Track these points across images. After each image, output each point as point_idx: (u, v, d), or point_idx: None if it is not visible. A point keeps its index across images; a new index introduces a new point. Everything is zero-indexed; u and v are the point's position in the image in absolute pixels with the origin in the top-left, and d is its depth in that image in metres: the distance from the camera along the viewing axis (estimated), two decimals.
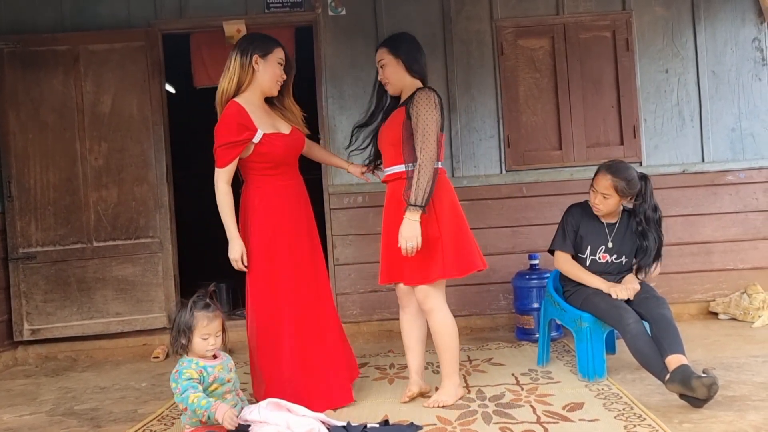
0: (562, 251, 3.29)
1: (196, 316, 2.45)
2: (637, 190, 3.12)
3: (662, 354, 2.77)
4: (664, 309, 2.95)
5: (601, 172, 3.15)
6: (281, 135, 2.91)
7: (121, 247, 4.39)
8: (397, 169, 2.88)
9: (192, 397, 2.35)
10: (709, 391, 2.55)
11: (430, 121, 2.76)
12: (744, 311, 4.20)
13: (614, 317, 2.98)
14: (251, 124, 2.80)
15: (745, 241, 4.48)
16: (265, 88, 2.91)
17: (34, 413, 3.19)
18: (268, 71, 2.88)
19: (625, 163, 3.20)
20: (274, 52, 2.89)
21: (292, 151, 2.97)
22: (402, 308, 3.07)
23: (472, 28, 4.53)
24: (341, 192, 4.49)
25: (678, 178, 4.49)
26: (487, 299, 4.49)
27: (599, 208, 3.18)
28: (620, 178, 3.09)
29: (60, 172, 4.37)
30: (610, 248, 3.22)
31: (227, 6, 4.50)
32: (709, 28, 4.52)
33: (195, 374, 2.42)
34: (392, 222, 2.87)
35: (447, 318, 2.89)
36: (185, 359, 2.48)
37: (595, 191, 3.18)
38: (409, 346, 3.05)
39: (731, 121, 4.52)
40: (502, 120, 4.51)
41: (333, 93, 4.53)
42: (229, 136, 2.77)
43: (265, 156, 2.85)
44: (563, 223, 3.32)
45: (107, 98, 4.40)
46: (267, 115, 2.94)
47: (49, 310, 4.34)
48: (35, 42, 4.35)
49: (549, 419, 2.62)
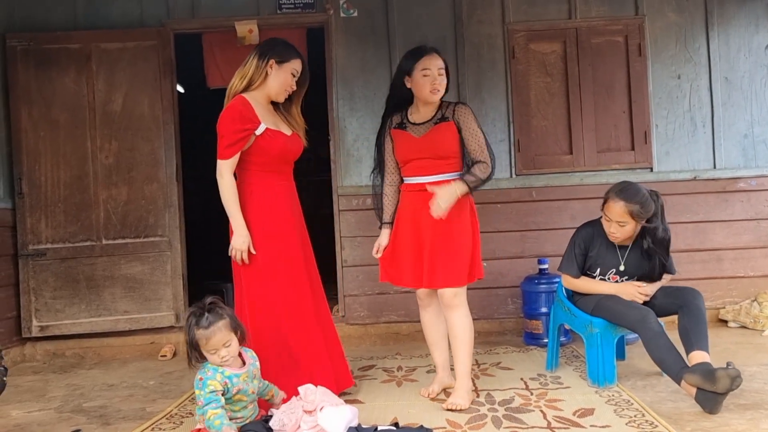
0: (569, 275, 3.26)
1: (197, 335, 2.45)
2: (652, 211, 2.98)
3: (688, 348, 2.76)
4: (699, 301, 2.94)
5: (612, 199, 3.01)
6: (282, 133, 2.99)
7: (130, 245, 4.40)
8: (445, 177, 2.96)
9: (210, 413, 2.36)
10: (732, 383, 2.53)
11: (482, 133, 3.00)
12: (754, 319, 4.18)
13: (635, 316, 2.93)
14: (255, 116, 2.87)
15: (757, 249, 4.46)
16: (272, 92, 2.99)
17: (42, 409, 3.20)
18: (279, 77, 2.96)
19: (634, 185, 3.05)
20: (290, 62, 2.98)
21: (290, 152, 3.05)
22: (423, 308, 3.13)
23: (484, 31, 4.52)
24: (350, 194, 4.49)
25: (689, 185, 4.47)
26: (495, 303, 4.48)
27: (617, 236, 3.06)
28: (634, 202, 2.95)
29: (70, 170, 4.38)
30: (622, 271, 3.17)
31: (239, 6, 4.51)
32: (722, 34, 4.50)
33: (219, 386, 2.41)
34: (436, 228, 2.92)
35: (469, 316, 3.01)
36: (209, 366, 2.46)
37: (609, 220, 3.05)
38: (434, 342, 3.15)
39: (743, 127, 4.50)
40: (512, 124, 4.50)
41: (344, 95, 4.53)
42: (233, 125, 2.83)
43: (264, 151, 2.91)
44: (572, 246, 3.24)
45: (119, 97, 4.41)
46: (270, 115, 3.02)
47: (58, 307, 4.35)
48: (48, 40, 4.37)
49: (560, 425, 2.61)
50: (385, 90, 4.46)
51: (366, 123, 4.51)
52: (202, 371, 2.45)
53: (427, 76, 2.94)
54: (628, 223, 3.01)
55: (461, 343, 2.97)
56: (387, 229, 3.14)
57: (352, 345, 4.40)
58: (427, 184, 2.91)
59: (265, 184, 2.96)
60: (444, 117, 3.00)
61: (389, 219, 3.14)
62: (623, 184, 3.08)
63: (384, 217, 3.16)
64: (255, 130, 2.86)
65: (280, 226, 2.96)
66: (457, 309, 2.96)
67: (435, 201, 2.82)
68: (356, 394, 3.17)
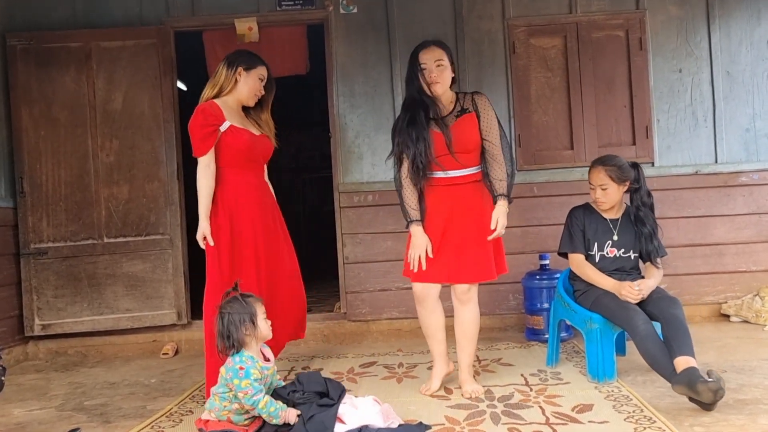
0: (575, 252, 3.28)
1: (250, 302, 2.54)
2: (631, 175, 3.21)
3: (671, 355, 2.75)
4: (676, 309, 2.93)
5: (593, 168, 3.27)
6: (248, 131, 3.18)
7: (131, 243, 4.41)
8: (472, 170, 3.02)
9: (262, 403, 2.43)
10: (715, 396, 2.52)
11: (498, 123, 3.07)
12: (756, 314, 4.16)
13: (623, 318, 2.97)
14: (221, 115, 3.08)
15: (758, 243, 4.43)
16: (242, 97, 3.21)
17: (44, 408, 3.21)
18: (248, 82, 3.19)
19: (612, 154, 3.36)
20: (257, 68, 3.21)
21: (257, 150, 3.23)
22: (420, 303, 3.09)
23: (484, 27, 4.51)
24: (351, 190, 4.49)
25: (690, 179, 4.45)
26: (496, 299, 4.47)
27: (602, 201, 3.24)
28: (611, 165, 3.20)
29: (71, 169, 4.39)
30: (617, 241, 3.24)
31: (239, 4, 4.50)
32: (723, 27, 4.48)
33: (259, 374, 2.47)
34: (463, 223, 2.97)
35: (478, 310, 3.09)
36: (246, 355, 2.48)
37: (593, 187, 3.26)
38: (433, 333, 3.13)
39: (745, 121, 4.47)
40: (513, 119, 4.49)
41: (344, 91, 4.52)
42: (198, 122, 3.05)
43: (230, 146, 3.09)
44: (569, 225, 3.34)
45: (119, 95, 4.41)
46: (239, 117, 3.22)
47: (60, 305, 4.36)
48: (48, 39, 4.38)
49: (558, 420, 2.61)
50: (386, 86, 4.51)
51: (367, 120, 4.51)
52: (238, 361, 2.46)
53: (424, 70, 2.95)
54: (609, 186, 3.19)
55: (470, 338, 3.06)
56: (419, 226, 3.01)
57: (353, 342, 4.41)
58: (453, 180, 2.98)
59: (230, 180, 3.14)
60: (464, 109, 3.02)
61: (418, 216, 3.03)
62: (603, 155, 3.39)
63: (413, 214, 3.02)
64: (220, 126, 3.06)
65: (248, 223, 3.14)
66: (469, 303, 3.03)
67: (499, 227, 2.95)
68: (356, 391, 3.17)
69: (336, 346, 4.31)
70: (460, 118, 2.99)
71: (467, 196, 3.01)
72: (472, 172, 3.02)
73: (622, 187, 3.21)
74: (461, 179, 3.01)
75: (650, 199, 3.25)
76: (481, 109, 3.01)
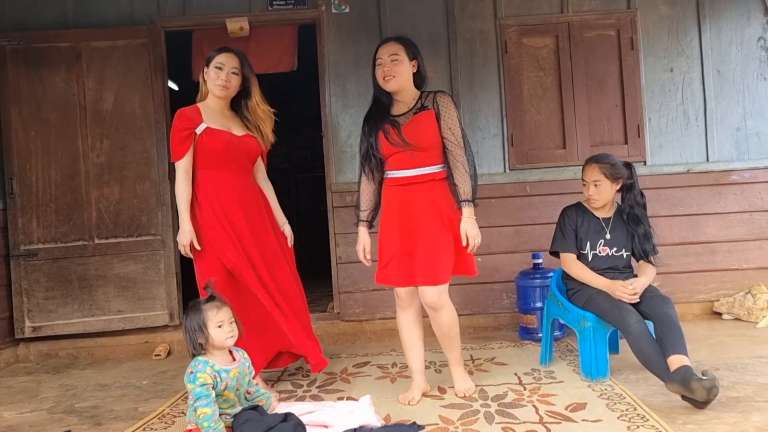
0: (567, 252, 3.28)
1: (204, 309, 2.48)
2: (624, 173, 3.24)
3: (664, 353, 2.75)
4: (668, 308, 2.93)
5: (587, 165, 3.30)
6: (227, 132, 3.13)
7: (122, 244, 4.38)
8: (431, 169, 2.92)
9: (200, 411, 2.35)
10: (709, 394, 2.53)
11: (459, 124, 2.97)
12: (748, 311, 4.18)
13: (616, 317, 2.97)
14: (198, 117, 3.08)
15: (750, 241, 4.46)
16: (214, 92, 3.16)
17: (35, 410, 3.19)
18: (210, 77, 3.15)
19: (605, 152, 3.41)
20: (214, 60, 3.15)
21: (238, 150, 3.15)
22: (403, 309, 3.03)
23: (476, 26, 4.51)
24: (344, 190, 4.48)
25: (682, 178, 4.46)
26: (490, 298, 4.47)
27: (595, 198, 3.25)
28: (605, 163, 3.23)
29: (62, 170, 4.36)
30: (609, 240, 3.25)
31: (230, 3, 4.49)
32: (714, 27, 4.50)
33: (209, 379, 2.40)
34: (420, 223, 2.90)
35: (454, 310, 2.99)
36: (200, 360, 2.44)
37: (586, 184, 3.29)
38: (411, 346, 3.05)
39: (736, 120, 4.49)
40: (505, 118, 4.49)
41: (336, 91, 4.51)
42: (174, 128, 3.07)
43: (206, 149, 3.07)
44: (561, 225, 3.35)
45: (109, 95, 4.38)
46: (223, 117, 3.18)
47: (51, 307, 4.33)
48: (38, 39, 4.34)
49: (552, 419, 2.61)
50: None
51: (359, 119, 4.40)
52: (192, 365, 2.44)
53: (379, 65, 2.93)
54: (602, 183, 3.21)
55: (452, 339, 3.00)
56: (362, 227, 3.09)
57: (347, 342, 4.40)
58: (411, 179, 2.91)
59: (209, 181, 3.10)
60: (423, 106, 2.94)
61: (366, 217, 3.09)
62: (597, 153, 3.43)
63: (360, 215, 3.09)
64: (195, 129, 3.05)
65: (230, 223, 3.08)
66: (444, 308, 2.92)
67: (470, 240, 2.84)
68: (350, 391, 3.17)
69: (329, 346, 4.30)
70: (417, 115, 2.92)
71: (424, 195, 2.91)
72: (431, 171, 2.92)
73: (615, 184, 3.23)
74: (418, 178, 2.92)
75: (643, 199, 3.27)
76: (442, 108, 2.92)
